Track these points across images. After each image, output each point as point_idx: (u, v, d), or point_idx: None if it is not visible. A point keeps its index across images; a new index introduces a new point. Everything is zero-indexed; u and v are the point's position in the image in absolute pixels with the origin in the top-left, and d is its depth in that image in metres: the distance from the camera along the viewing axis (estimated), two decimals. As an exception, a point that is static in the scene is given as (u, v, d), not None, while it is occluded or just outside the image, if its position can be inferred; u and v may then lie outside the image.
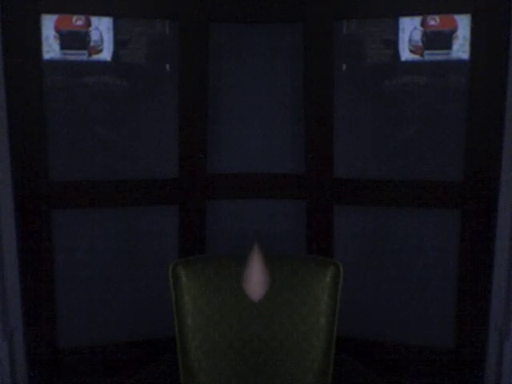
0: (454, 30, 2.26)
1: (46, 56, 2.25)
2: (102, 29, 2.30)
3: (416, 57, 2.32)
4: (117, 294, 2.49)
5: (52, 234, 2.36)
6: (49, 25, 2.23)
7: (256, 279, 1.77)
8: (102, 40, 2.30)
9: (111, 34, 2.31)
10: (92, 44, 2.30)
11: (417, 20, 2.29)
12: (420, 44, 2.30)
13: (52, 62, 2.27)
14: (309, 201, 2.44)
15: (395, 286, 2.49)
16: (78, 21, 2.27)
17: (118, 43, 2.34)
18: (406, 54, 2.33)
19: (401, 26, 2.31)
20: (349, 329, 2.43)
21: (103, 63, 2.34)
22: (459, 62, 2.27)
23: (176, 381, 1.80)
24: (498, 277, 2.29)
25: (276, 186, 2.49)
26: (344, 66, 2.38)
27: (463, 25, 2.24)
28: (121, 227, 2.46)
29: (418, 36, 2.30)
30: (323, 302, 1.76)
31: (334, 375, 1.79)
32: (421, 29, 2.29)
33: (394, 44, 2.34)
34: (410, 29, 2.30)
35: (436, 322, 2.46)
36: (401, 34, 2.32)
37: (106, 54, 2.33)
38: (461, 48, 2.26)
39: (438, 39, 2.28)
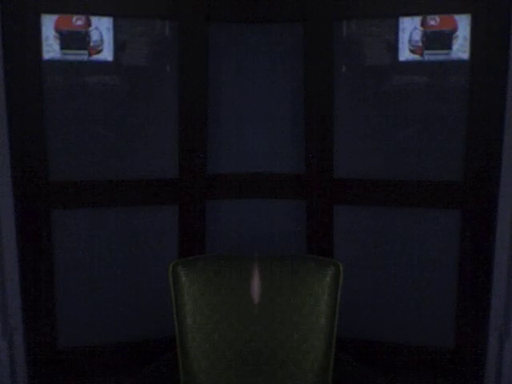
0: (453, 30, 2.26)
1: (46, 56, 2.25)
2: (102, 29, 2.29)
3: (416, 57, 2.32)
4: (117, 293, 2.49)
5: (52, 234, 2.36)
6: (49, 25, 2.23)
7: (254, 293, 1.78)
8: (102, 40, 2.30)
9: (111, 33, 2.31)
10: (92, 44, 2.30)
11: (417, 20, 2.29)
12: (420, 44, 2.30)
13: (52, 61, 2.27)
14: (309, 201, 2.44)
15: (395, 286, 2.49)
16: (77, 21, 2.27)
17: (118, 43, 2.33)
18: (406, 54, 2.33)
19: (401, 26, 2.31)
20: (349, 329, 2.43)
21: (103, 63, 2.34)
22: (459, 62, 2.27)
23: (176, 381, 1.80)
24: (498, 277, 2.29)
25: (276, 186, 2.49)
26: (344, 66, 2.38)
27: (463, 25, 2.24)
28: (121, 227, 2.46)
29: (418, 36, 2.30)
30: (323, 302, 1.76)
31: (333, 375, 1.79)
32: (421, 29, 2.29)
33: (393, 44, 2.34)
34: (410, 29, 2.30)
35: (436, 322, 2.46)
36: (401, 34, 2.32)
37: (106, 54, 2.32)
38: (461, 48, 2.26)
39: (438, 39, 2.28)
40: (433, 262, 2.43)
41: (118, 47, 2.34)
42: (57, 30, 2.25)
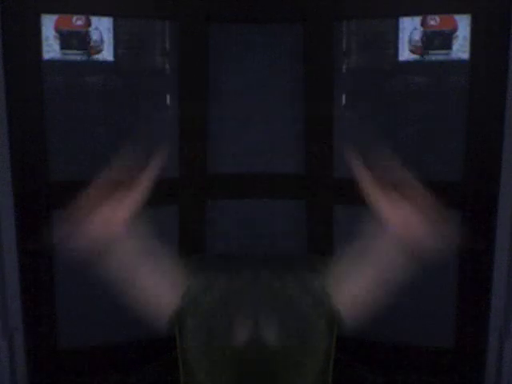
0: (453, 30, 2.26)
1: (46, 56, 2.25)
2: (101, 29, 2.30)
3: (416, 57, 2.32)
4: (117, 293, 2.49)
5: (52, 234, 2.36)
6: (49, 25, 2.23)
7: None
8: (102, 40, 2.30)
9: (111, 33, 2.31)
10: (92, 44, 2.30)
11: (417, 20, 2.29)
12: (420, 44, 2.30)
13: (52, 61, 2.27)
14: (309, 201, 2.44)
15: (395, 286, 2.48)
16: (78, 21, 2.27)
17: (118, 43, 2.34)
18: (405, 54, 2.33)
19: (401, 26, 2.31)
20: (349, 329, 2.43)
21: (103, 63, 2.34)
22: (459, 62, 2.27)
23: (176, 381, 1.80)
24: (498, 277, 2.29)
25: (276, 186, 2.49)
26: (344, 66, 2.38)
27: (463, 25, 2.24)
28: (121, 227, 2.46)
29: (417, 36, 2.30)
30: (323, 302, 1.76)
31: (333, 375, 1.79)
32: (421, 29, 2.29)
33: (393, 44, 2.34)
34: (410, 29, 2.30)
35: (436, 322, 2.46)
36: (401, 34, 2.32)
37: (106, 54, 2.33)
38: (461, 48, 2.26)
39: (438, 39, 2.28)
40: (433, 261, 2.43)
41: (118, 47, 2.34)
42: (57, 30, 2.25)
